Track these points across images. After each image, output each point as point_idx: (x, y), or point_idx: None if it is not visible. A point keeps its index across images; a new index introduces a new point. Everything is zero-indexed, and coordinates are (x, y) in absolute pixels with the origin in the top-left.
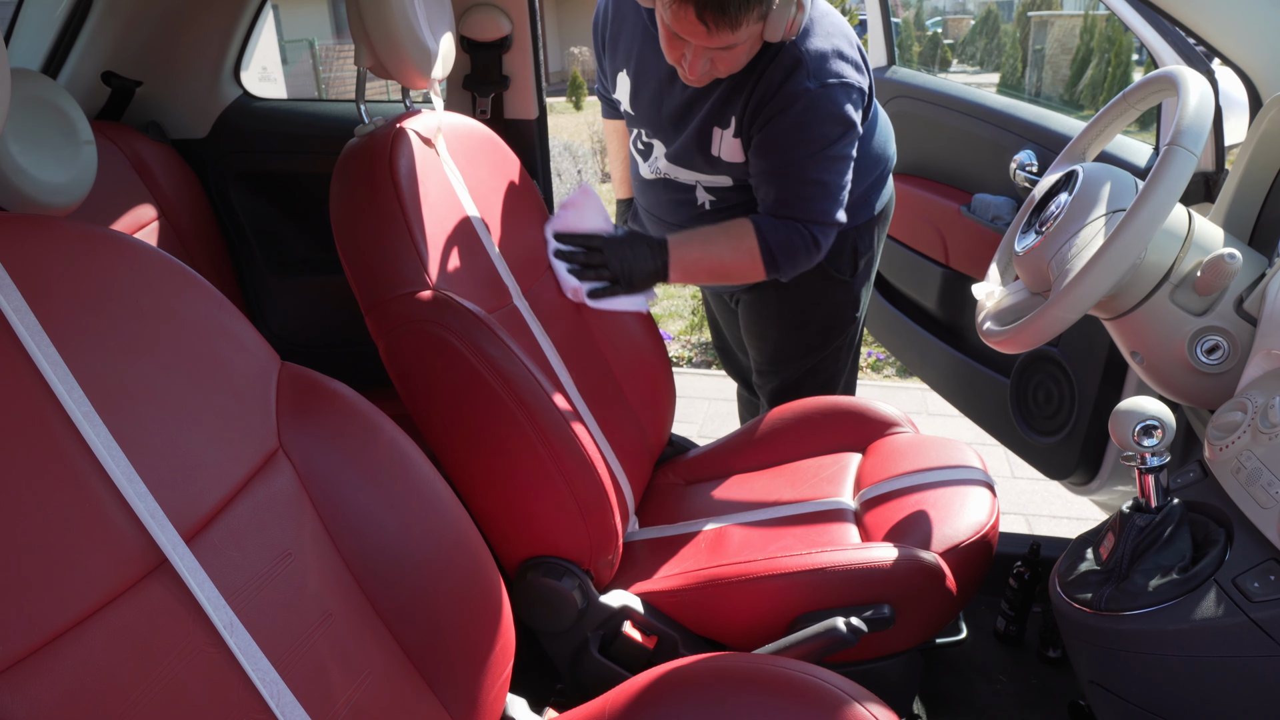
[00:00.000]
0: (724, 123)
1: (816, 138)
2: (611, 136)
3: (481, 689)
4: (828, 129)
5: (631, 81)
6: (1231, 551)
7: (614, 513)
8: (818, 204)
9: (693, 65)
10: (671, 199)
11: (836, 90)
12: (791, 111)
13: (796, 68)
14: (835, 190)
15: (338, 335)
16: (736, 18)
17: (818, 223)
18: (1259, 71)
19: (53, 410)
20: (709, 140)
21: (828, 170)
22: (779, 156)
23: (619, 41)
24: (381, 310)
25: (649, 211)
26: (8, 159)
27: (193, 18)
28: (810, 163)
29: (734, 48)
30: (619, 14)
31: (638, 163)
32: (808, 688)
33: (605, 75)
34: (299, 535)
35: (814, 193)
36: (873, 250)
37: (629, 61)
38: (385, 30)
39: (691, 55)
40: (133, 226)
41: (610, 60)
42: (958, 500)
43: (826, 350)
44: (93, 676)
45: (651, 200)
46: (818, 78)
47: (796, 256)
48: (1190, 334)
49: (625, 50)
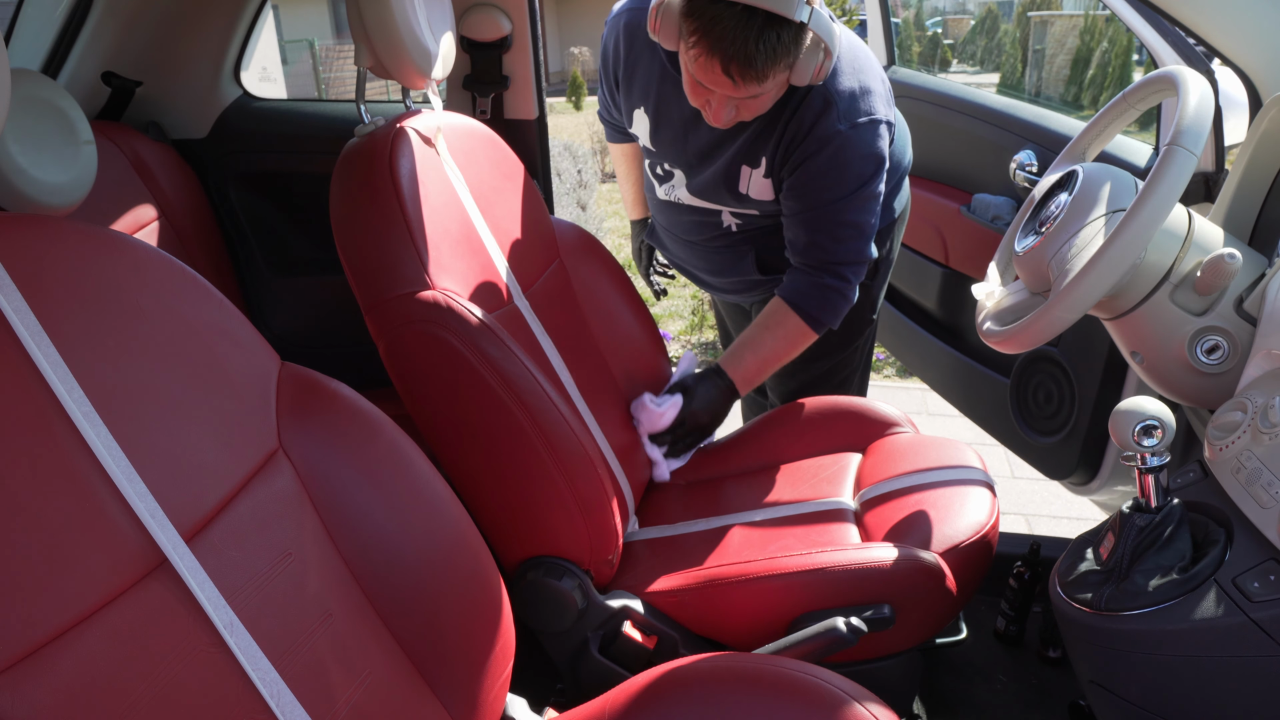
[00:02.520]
0: (754, 162)
1: (849, 179)
2: (620, 160)
3: (481, 689)
4: (860, 169)
5: (651, 120)
6: (1231, 551)
7: (614, 513)
8: (852, 245)
9: (717, 113)
10: (694, 220)
11: (867, 129)
12: (824, 154)
13: (826, 110)
14: (868, 230)
15: (338, 335)
16: (764, 71)
17: (851, 264)
18: (1259, 71)
19: (53, 410)
20: (737, 178)
21: (861, 211)
22: (812, 198)
23: (634, 80)
24: (381, 310)
25: (669, 231)
26: (8, 159)
27: (193, 18)
28: (844, 205)
29: (760, 96)
30: (632, 52)
31: (654, 185)
32: (808, 688)
33: (618, 110)
34: (299, 535)
35: (848, 235)
36: (891, 251)
37: (646, 100)
38: (385, 30)
39: (716, 103)
40: (133, 226)
41: (625, 98)
42: (958, 500)
43: (845, 351)
44: (93, 676)
45: (671, 220)
46: (848, 119)
47: (838, 308)
48: (1190, 334)
49: (642, 90)
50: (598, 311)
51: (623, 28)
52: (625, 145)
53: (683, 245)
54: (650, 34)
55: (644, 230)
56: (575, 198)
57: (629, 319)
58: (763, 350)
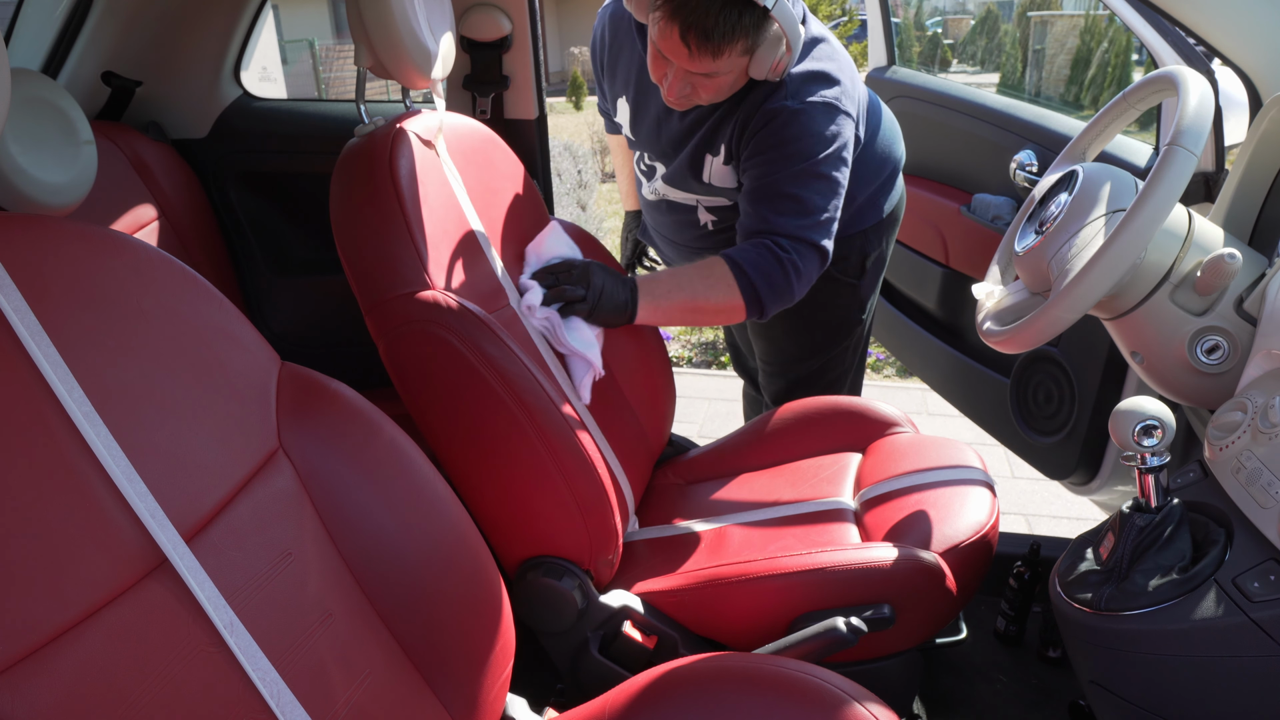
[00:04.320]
0: (714, 149)
1: (792, 154)
2: (617, 151)
3: (481, 689)
4: (804, 145)
5: (631, 109)
6: (1231, 551)
7: (614, 513)
8: (791, 219)
9: (672, 85)
10: (675, 219)
11: (817, 109)
12: (769, 128)
13: (778, 89)
14: (813, 209)
15: (338, 335)
16: (719, 45)
17: (791, 238)
18: (1259, 71)
19: (53, 410)
20: (700, 166)
21: (805, 187)
22: (755, 171)
23: (617, 68)
24: (381, 310)
25: (657, 230)
26: (8, 159)
27: (193, 18)
28: (787, 178)
29: (715, 76)
30: (616, 41)
31: (641, 183)
32: (808, 688)
33: (605, 98)
34: (299, 535)
35: (788, 207)
36: (882, 252)
37: (628, 89)
38: (385, 30)
39: (673, 76)
40: (133, 226)
41: (610, 85)
42: (958, 500)
43: (832, 352)
44: (93, 676)
45: (657, 220)
46: (796, 97)
47: (774, 281)
48: (1190, 334)
49: (624, 78)
50: None
51: (608, 18)
52: (621, 136)
53: (670, 245)
54: (624, 3)
55: (636, 222)
56: (575, 198)
57: None
58: (680, 280)
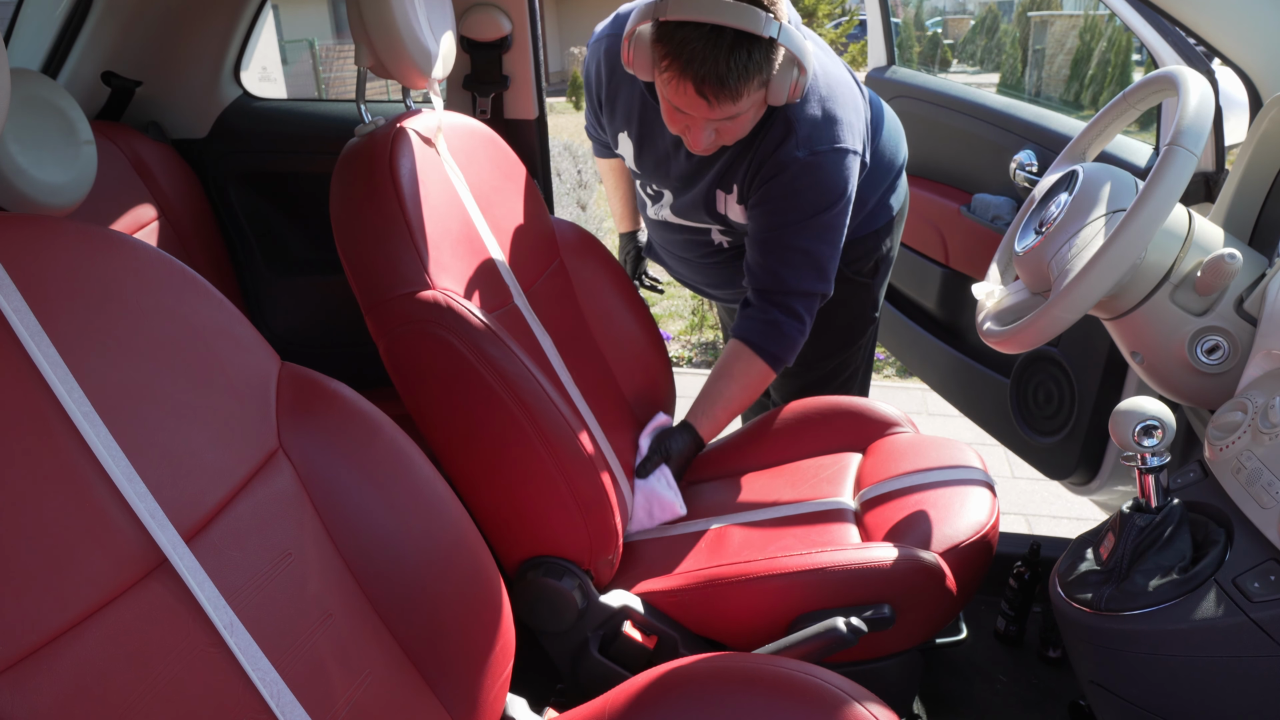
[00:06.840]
0: (727, 188)
1: (803, 205)
2: (608, 174)
3: (481, 689)
4: (815, 197)
5: (635, 145)
6: (1231, 552)
7: (614, 512)
8: (803, 273)
9: (696, 137)
10: (686, 239)
11: (828, 158)
12: (780, 180)
13: (786, 137)
14: (823, 261)
15: (338, 335)
16: (737, 89)
17: (800, 295)
18: (1259, 71)
19: (53, 411)
20: (714, 201)
21: (815, 239)
22: (766, 221)
23: (616, 104)
24: (381, 310)
25: (664, 248)
26: (8, 159)
27: (193, 18)
28: (797, 230)
29: (737, 117)
30: (614, 77)
31: (646, 204)
32: (808, 688)
33: (603, 130)
34: (299, 535)
35: (798, 260)
36: (891, 249)
37: (629, 125)
38: (385, 30)
39: (695, 129)
40: (133, 226)
41: (609, 121)
42: (958, 500)
43: (848, 351)
44: (93, 676)
45: (665, 238)
46: (807, 145)
47: (794, 343)
48: (1190, 334)
49: (624, 114)
50: (598, 311)
51: (603, 54)
52: (613, 160)
53: (680, 261)
54: (625, 67)
55: (632, 242)
56: (575, 198)
57: (629, 319)
58: (726, 399)
